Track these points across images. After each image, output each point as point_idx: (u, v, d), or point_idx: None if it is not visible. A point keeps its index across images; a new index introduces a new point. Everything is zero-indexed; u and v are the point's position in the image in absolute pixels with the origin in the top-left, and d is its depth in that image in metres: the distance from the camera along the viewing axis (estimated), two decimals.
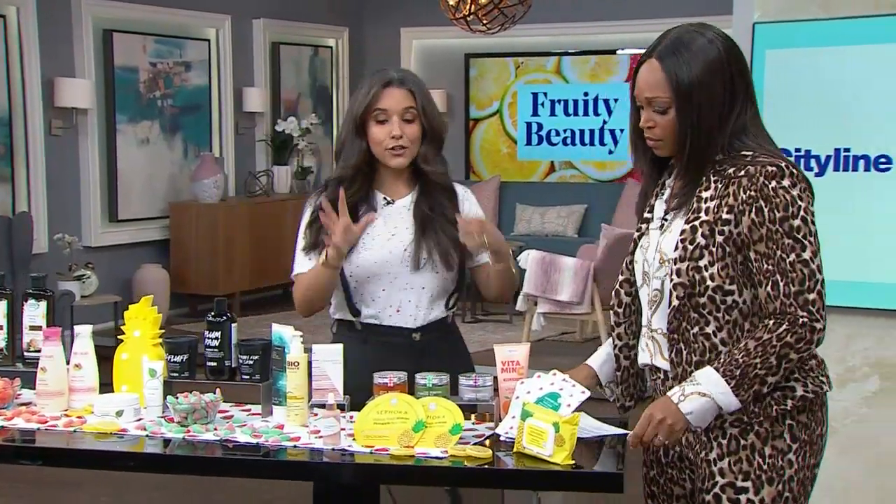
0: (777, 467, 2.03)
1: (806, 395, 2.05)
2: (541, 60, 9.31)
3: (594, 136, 9.16)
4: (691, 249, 2.02)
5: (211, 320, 2.39)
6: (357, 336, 2.58)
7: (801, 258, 1.97)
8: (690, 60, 2.02)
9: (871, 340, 3.64)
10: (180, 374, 2.38)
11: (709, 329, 2.03)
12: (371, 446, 2.11)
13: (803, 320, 1.96)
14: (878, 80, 3.58)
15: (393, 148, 2.53)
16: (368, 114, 2.53)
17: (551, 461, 1.98)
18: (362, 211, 2.57)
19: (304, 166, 8.92)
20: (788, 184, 1.99)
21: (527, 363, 2.25)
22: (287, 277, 9.51)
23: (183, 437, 2.20)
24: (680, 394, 1.99)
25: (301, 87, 9.32)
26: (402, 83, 2.54)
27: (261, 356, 2.34)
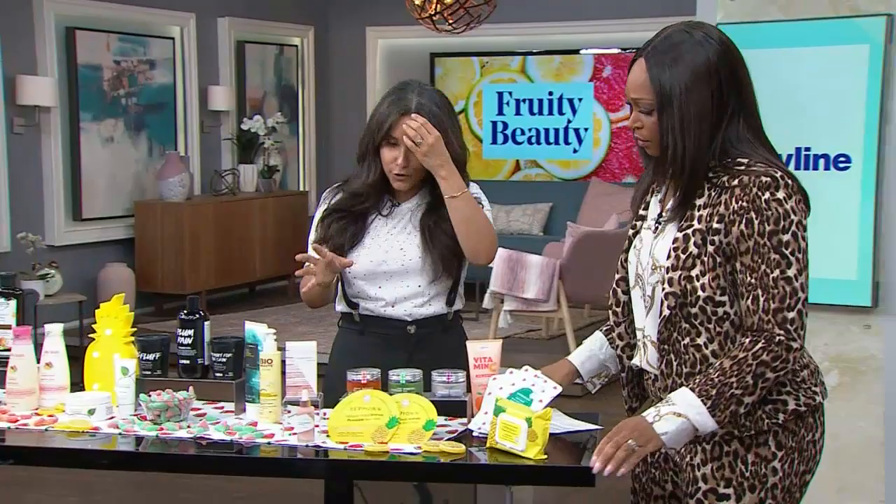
0: (759, 475, 2.00)
1: (798, 408, 2.01)
2: (506, 60, 9.34)
3: (559, 135, 9.21)
4: (683, 258, 1.98)
5: (184, 318, 2.39)
6: (356, 327, 2.67)
7: (785, 275, 1.92)
8: (676, 64, 1.96)
9: (830, 336, 3.70)
10: (152, 372, 2.38)
11: (700, 340, 1.99)
12: (345, 443, 2.12)
13: (780, 338, 1.92)
14: (837, 81, 3.65)
15: (397, 174, 2.59)
16: (382, 138, 2.57)
17: (524, 456, 2.00)
18: (371, 217, 2.64)
19: (271, 165, 8.90)
20: (783, 196, 1.94)
21: (499, 359, 2.26)
22: (253, 276, 9.43)
23: (156, 435, 2.20)
24: (655, 414, 1.94)
25: (267, 85, 9.29)
26: (419, 112, 2.54)
27: (234, 354, 2.35)
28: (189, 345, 2.37)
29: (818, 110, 3.63)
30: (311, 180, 9.76)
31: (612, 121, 9.02)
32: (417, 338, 2.60)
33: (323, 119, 9.89)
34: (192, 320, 2.38)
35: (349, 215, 2.63)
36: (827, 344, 3.70)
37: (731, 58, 2.00)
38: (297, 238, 8.95)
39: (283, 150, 9.23)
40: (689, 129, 1.96)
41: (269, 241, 8.62)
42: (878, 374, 3.67)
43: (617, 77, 8.97)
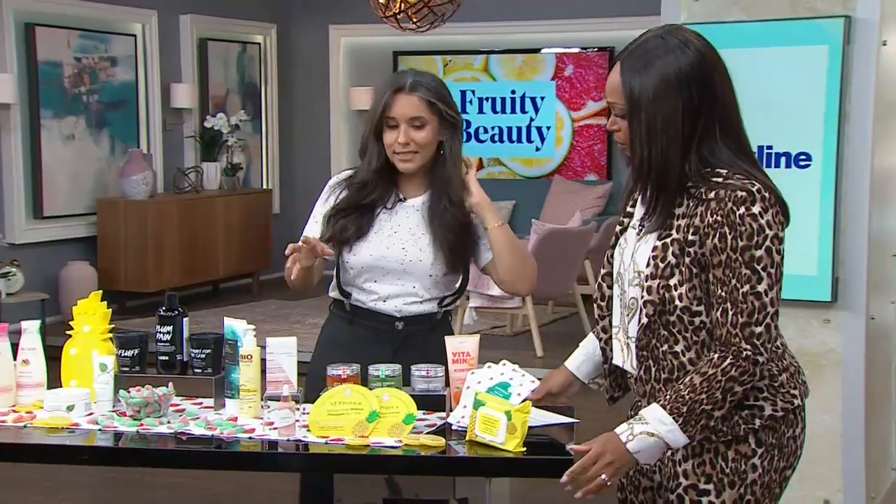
0: (740, 471, 2.01)
1: (775, 413, 2.02)
2: (469, 58, 9.38)
3: (521, 134, 9.26)
4: (662, 267, 1.99)
5: (163, 315, 2.39)
6: (345, 316, 2.65)
7: (755, 290, 1.92)
8: (646, 70, 1.95)
9: (792, 331, 3.77)
10: (131, 368, 2.38)
11: (678, 348, 2.00)
12: (326, 437, 2.14)
13: (746, 353, 1.93)
14: (798, 81, 3.71)
15: (400, 153, 2.58)
16: (381, 120, 2.58)
17: (503, 448, 2.03)
18: (378, 210, 2.62)
19: (234, 163, 8.86)
20: (758, 210, 1.93)
21: (477, 354, 2.29)
22: (216, 274, 9.37)
23: (136, 431, 2.20)
24: (629, 433, 1.96)
25: (229, 83, 9.24)
26: (412, 90, 2.56)
27: (213, 350, 2.35)
28: (168, 341, 2.37)
29: (780, 109, 3.70)
30: (274, 178, 9.72)
31: (573, 119, 9.08)
32: (405, 334, 2.59)
33: (286, 117, 9.86)
34: (170, 317, 2.38)
35: (355, 210, 2.60)
36: (789, 339, 3.73)
37: (708, 66, 1.97)
38: (261, 236, 8.93)
39: (246, 148, 9.20)
40: (655, 136, 1.94)
41: (232, 239, 8.59)
42: (838, 368, 3.75)
43: (578, 76, 9.03)
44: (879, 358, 4.01)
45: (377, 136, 2.58)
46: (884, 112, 3.79)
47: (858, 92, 3.65)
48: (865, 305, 3.72)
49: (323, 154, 9.77)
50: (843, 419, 3.75)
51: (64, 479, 4.45)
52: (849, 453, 3.76)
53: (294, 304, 7.95)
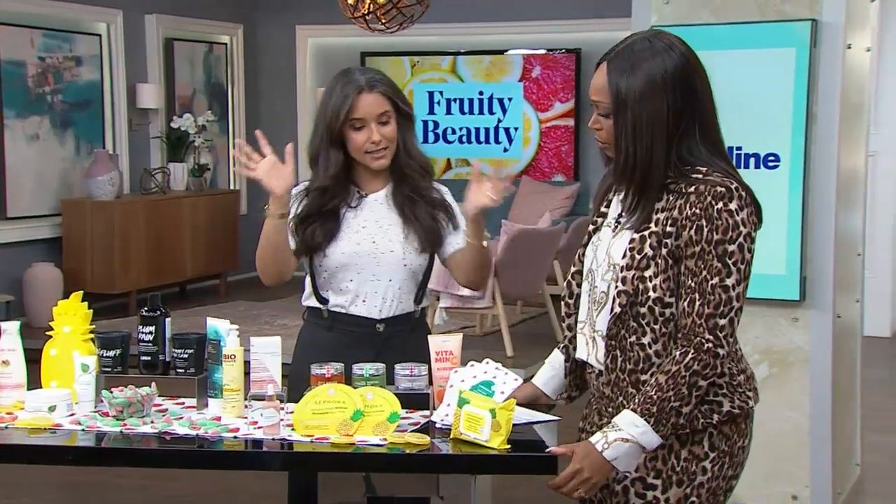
0: (689, 471, 2.06)
1: (732, 409, 2.07)
2: (436, 59, 9.40)
3: (489, 135, 9.30)
4: (638, 259, 2.03)
5: (145, 315, 2.39)
6: (323, 323, 2.64)
7: (723, 283, 1.98)
8: (633, 71, 2.01)
9: (760, 329, 3.83)
10: (113, 368, 2.38)
11: (645, 340, 2.05)
12: (311, 436, 2.15)
13: (708, 346, 1.98)
14: (766, 83, 3.77)
15: (373, 152, 2.59)
16: (345, 123, 2.57)
17: (488, 446, 2.05)
18: (342, 210, 2.63)
19: (201, 164, 8.82)
20: (735, 207, 1.99)
21: (460, 353, 2.31)
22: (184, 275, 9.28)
23: (120, 431, 2.20)
24: (604, 441, 1.99)
25: (196, 83, 9.20)
26: (372, 87, 2.57)
27: (195, 350, 2.35)
28: (150, 341, 2.37)
29: (749, 111, 3.75)
30: (241, 179, 9.68)
31: (541, 120, 9.14)
32: (386, 336, 2.61)
33: (252, 118, 9.82)
34: (153, 317, 2.39)
35: (320, 216, 2.61)
36: (758, 337, 3.83)
37: (690, 69, 2.04)
38: (229, 237, 8.90)
39: (213, 149, 9.16)
40: (640, 135, 2.01)
41: (200, 240, 8.55)
42: (805, 366, 3.81)
43: (546, 77, 9.09)
44: (845, 356, 4.08)
45: (333, 141, 2.58)
46: (848, 114, 3.86)
47: (825, 94, 3.71)
48: (832, 304, 3.78)
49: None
50: (810, 416, 3.81)
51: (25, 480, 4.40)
52: (816, 450, 3.82)
53: (262, 305, 7.94)
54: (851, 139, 3.99)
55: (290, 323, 6.85)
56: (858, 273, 4.28)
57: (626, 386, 2.08)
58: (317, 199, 2.61)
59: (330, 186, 2.60)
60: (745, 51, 3.82)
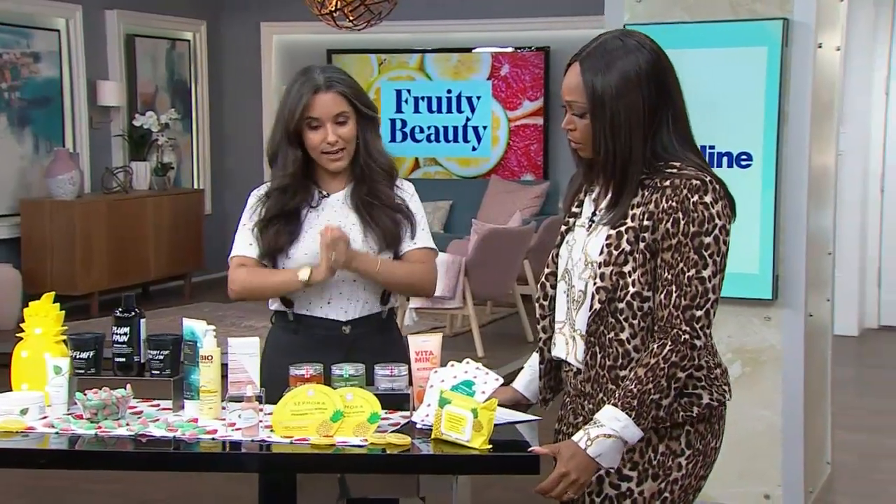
0: (665, 466, 2.09)
1: (711, 402, 2.11)
2: (404, 57, 9.40)
3: (457, 133, 9.31)
4: (616, 255, 2.07)
5: (119, 316, 2.38)
6: (289, 326, 2.65)
7: (700, 275, 2.02)
8: (608, 68, 2.05)
9: (733, 328, 3.88)
10: (86, 370, 2.37)
11: (623, 335, 2.08)
12: (290, 437, 2.15)
13: (684, 337, 2.02)
14: (738, 81, 3.82)
15: (329, 153, 2.60)
16: (301, 122, 2.57)
17: (469, 446, 2.07)
18: (304, 211, 2.63)
19: (164, 162, 8.76)
20: (710, 200, 2.04)
21: (440, 353, 2.32)
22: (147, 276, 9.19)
23: (95, 434, 2.19)
24: (586, 438, 2.02)
25: (158, 80, 9.14)
26: (329, 87, 2.58)
27: (171, 351, 2.35)
28: (125, 343, 2.37)
29: (721, 110, 3.79)
30: (205, 178, 9.64)
31: (510, 119, 9.17)
32: (353, 338, 2.61)
33: (217, 116, 9.78)
34: (127, 318, 2.38)
35: (282, 217, 2.62)
36: (730, 336, 3.87)
37: (662, 66, 2.09)
38: (193, 237, 8.85)
39: (176, 148, 9.10)
40: (619, 132, 2.05)
41: (163, 241, 8.50)
42: (778, 365, 3.86)
43: (514, 75, 9.12)
44: (816, 355, 4.13)
45: (291, 139, 2.59)
46: (819, 113, 3.92)
47: (796, 93, 3.77)
48: (805, 303, 3.83)
49: (255, 153, 9.69)
50: (782, 415, 3.86)
51: None
52: (788, 449, 3.88)
53: (228, 307, 7.90)
54: (822, 138, 4.04)
55: (256, 324, 6.82)
56: (829, 272, 4.34)
57: (605, 382, 2.11)
58: (278, 199, 2.62)
59: (289, 185, 2.61)
60: (717, 49, 3.86)
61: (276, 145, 2.62)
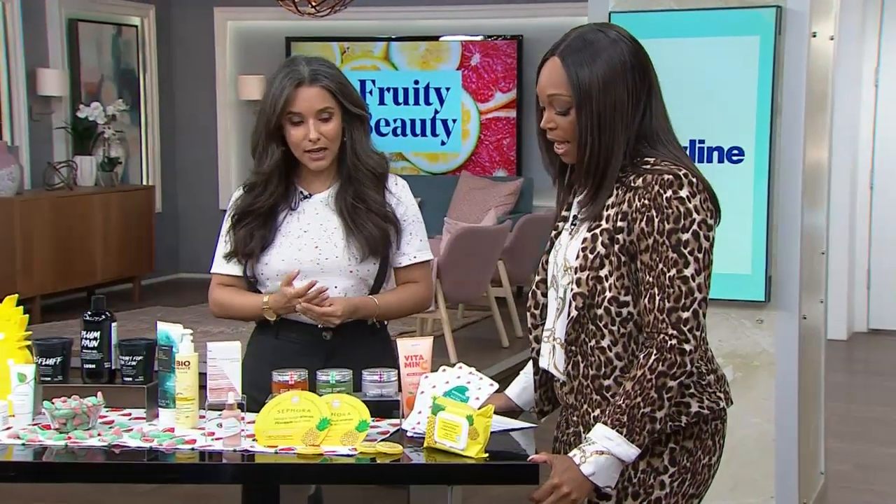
0: (646, 484, 2.11)
1: (701, 410, 2.11)
2: (368, 46, 9.41)
3: (426, 127, 9.33)
4: (592, 258, 2.09)
5: (88, 320, 2.38)
6: (270, 331, 2.65)
7: (682, 274, 2.02)
8: (593, 60, 2.08)
9: (725, 331, 3.91)
10: (53, 378, 2.36)
11: (604, 343, 2.09)
12: (274, 446, 2.16)
13: (671, 343, 2.02)
14: (729, 72, 3.84)
15: (310, 151, 2.59)
16: (282, 117, 2.57)
17: (465, 455, 2.09)
18: (281, 209, 2.62)
19: (112, 157, 8.71)
20: (686, 194, 2.04)
21: (430, 357, 2.34)
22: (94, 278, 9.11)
23: (65, 445, 2.18)
24: (581, 456, 2.04)
25: (104, 69, 9.08)
26: (314, 81, 2.57)
27: (144, 357, 2.35)
28: (95, 348, 2.36)
29: (711, 102, 3.83)
30: (155, 174, 9.59)
31: (481, 111, 9.20)
32: (333, 345, 2.62)
33: (167, 107, 9.72)
34: (97, 321, 2.38)
35: (255, 217, 2.61)
36: (721, 340, 3.91)
37: (643, 57, 2.13)
38: (143, 237, 8.80)
39: (124, 141, 9.05)
40: (605, 126, 2.08)
41: (111, 241, 8.45)
42: (771, 370, 3.90)
43: (486, 65, 9.15)
44: (810, 359, 4.19)
45: (272, 134, 2.58)
46: (812, 106, 3.96)
47: (790, 84, 3.80)
48: (799, 305, 3.88)
49: (209, 148, 9.68)
50: (775, 423, 3.91)
51: None
52: (782, 458, 3.92)
53: (182, 311, 7.87)
54: (815, 132, 4.09)
55: (213, 329, 6.80)
56: (822, 273, 4.40)
57: (589, 392, 2.13)
58: (251, 197, 2.62)
59: (262, 182, 2.60)
60: (707, 38, 3.89)
61: (258, 138, 2.61)
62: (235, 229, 2.63)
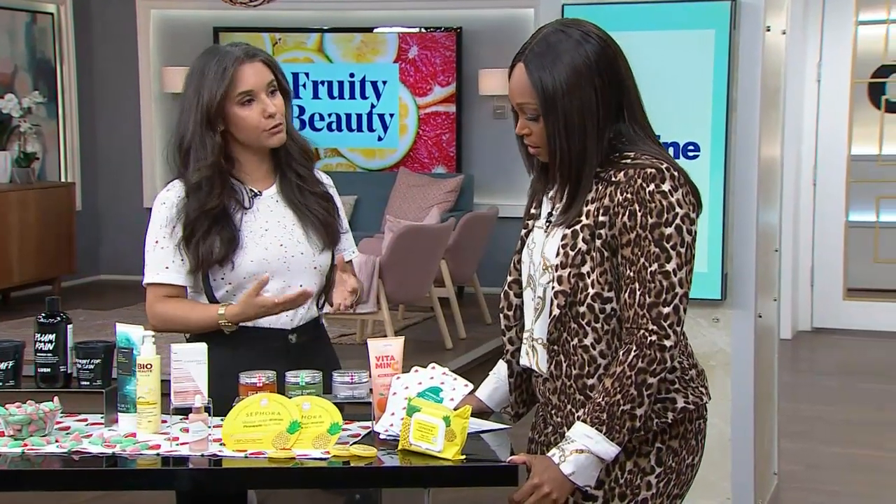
0: (633, 485, 2.15)
1: (687, 405, 2.16)
2: (301, 37, 9.37)
3: (361, 122, 9.32)
4: (573, 255, 2.12)
5: (43, 322, 2.36)
6: (224, 341, 2.55)
7: (663, 269, 2.06)
8: (555, 65, 2.10)
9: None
10: (4, 382, 2.34)
11: (587, 341, 2.13)
12: (243, 450, 2.17)
13: (651, 338, 2.06)
14: (684, 66, 3.91)
15: (270, 128, 2.57)
16: (229, 100, 2.53)
17: (441, 457, 2.11)
18: (234, 210, 2.59)
19: (28, 152, 8.60)
20: (668, 188, 2.09)
21: (401, 358, 2.37)
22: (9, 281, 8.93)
23: (22, 452, 2.17)
24: (560, 455, 2.07)
25: (17, 58, 8.93)
26: (253, 56, 2.56)
27: (102, 360, 2.34)
28: (50, 351, 2.35)
29: (667, 97, 3.88)
30: (74, 170, 9.45)
31: (419, 106, 9.21)
32: (298, 347, 2.63)
33: (87, 100, 9.59)
34: (52, 324, 2.36)
35: (212, 223, 2.55)
36: None
37: (611, 53, 2.15)
38: (61, 236, 8.67)
39: (41, 135, 8.91)
40: (573, 129, 2.11)
41: (28, 240, 8.32)
42: (727, 369, 3.98)
43: (424, 58, 9.18)
44: (764, 358, 4.28)
45: (211, 124, 2.53)
46: (766, 101, 4.05)
47: (745, 79, 3.89)
48: (755, 303, 3.96)
49: (132, 143, 9.57)
50: (731, 423, 3.99)
51: None
52: (738, 459, 4.00)
53: (106, 314, 7.77)
54: (769, 128, 4.18)
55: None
56: (776, 270, 4.50)
57: (573, 392, 2.17)
58: (198, 200, 2.54)
59: (207, 178, 2.54)
60: (662, 32, 3.96)
61: (189, 140, 2.54)
62: (194, 238, 2.54)
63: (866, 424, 5.86)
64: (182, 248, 2.55)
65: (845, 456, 5.33)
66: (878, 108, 8.07)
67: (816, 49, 8.00)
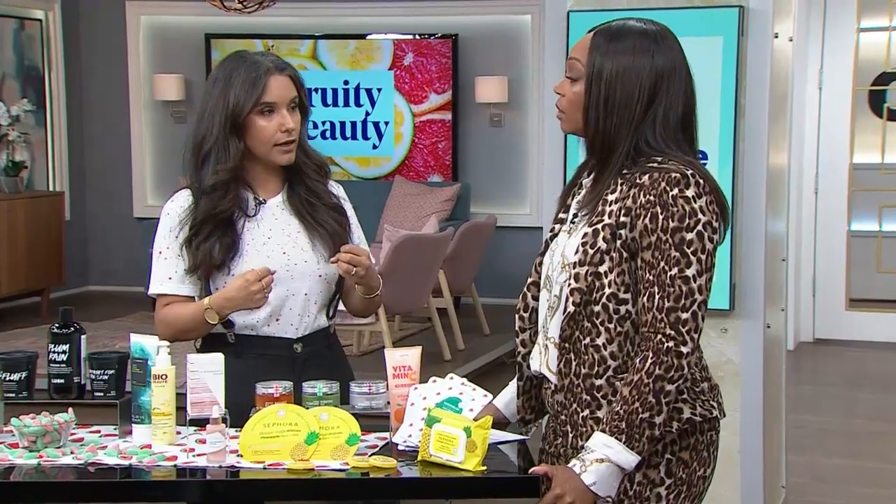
0: (643, 496, 2.17)
1: (693, 417, 2.17)
2: (294, 44, 9.39)
3: (356, 130, 9.34)
4: (592, 254, 2.16)
5: (57, 332, 2.37)
6: (229, 350, 2.57)
7: (683, 274, 2.09)
8: (617, 52, 2.18)
9: None
10: (17, 394, 2.35)
11: (599, 341, 2.16)
12: (261, 462, 2.19)
13: (668, 344, 2.08)
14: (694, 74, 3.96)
15: (283, 143, 2.61)
16: (253, 109, 2.57)
17: (462, 468, 2.13)
18: (238, 217, 2.63)
19: (16, 161, 8.58)
20: (692, 194, 2.13)
21: (419, 368, 2.38)
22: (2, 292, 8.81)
23: (37, 464, 2.18)
24: (581, 465, 2.10)
25: (5, 66, 8.93)
26: (282, 69, 2.62)
27: (116, 371, 2.35)
28: (63, 362, 2.36)
29: None
30: (63, 179, 9.44)
31: (415, 114, 9.23)
32: (305, 357, 2.65)
33: (76, 108, 9.58)
34: (66, 334, 2.38)
35: (216, 226, 2.60)
36: None
37: (673, 63, 2.22)
38: (51, 247, 8.66)
39: (29, 144, 8.91)
40: (612, 109, 2.17)
41: (17, 251, 8.30)
42: (736, 380, 4.00)
43: (419, 65, 9.20)
44: (772, 369, 4.31)
45: (235, 129, 2.57)
46: (774, 109, 4.09)
47: (753, 86, 3.92)
48: (763, 313, 3.99)
49: (122, 151, 9.56)
50: (740, 435, 4.01)
51: None
52: (747, 471, 4.02)
53: (97, 326, 7.77)
54: (777, 136, 4.21)
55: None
56: (783, 280, 4.53)
57: (580, 392, 2.19)
58: (209, 204, 2.59)
59: (224, 182, 2.58)
60: None
61: (214, 139, 2.59)
62: (196, 239, 2.58)
63: (870, 435, 5.90)
64: (184, 248, 2.61)
65: (850, 468, 5.36)
66: (879, 116, 8.10)
67: (818, 56, 8.04)
